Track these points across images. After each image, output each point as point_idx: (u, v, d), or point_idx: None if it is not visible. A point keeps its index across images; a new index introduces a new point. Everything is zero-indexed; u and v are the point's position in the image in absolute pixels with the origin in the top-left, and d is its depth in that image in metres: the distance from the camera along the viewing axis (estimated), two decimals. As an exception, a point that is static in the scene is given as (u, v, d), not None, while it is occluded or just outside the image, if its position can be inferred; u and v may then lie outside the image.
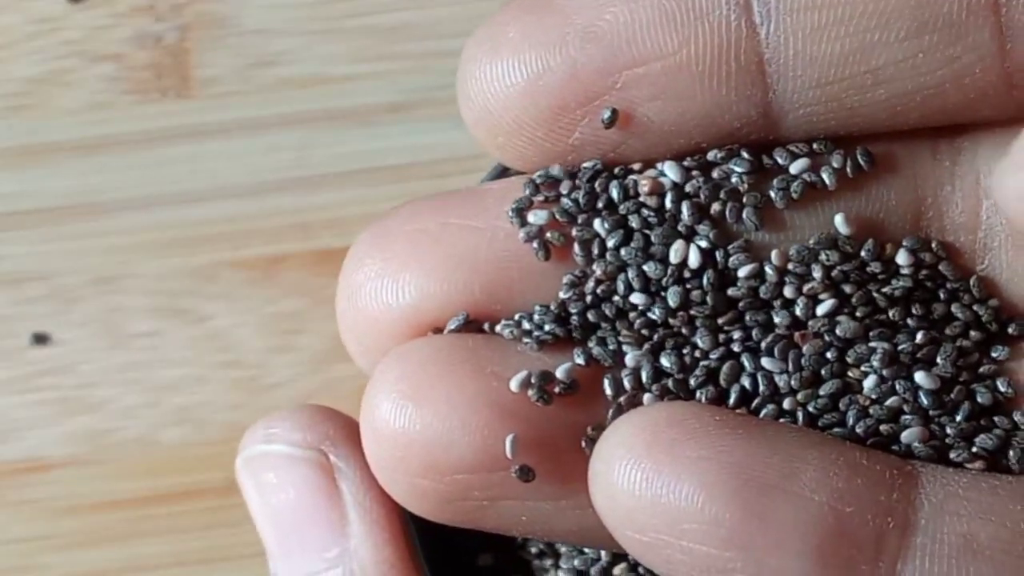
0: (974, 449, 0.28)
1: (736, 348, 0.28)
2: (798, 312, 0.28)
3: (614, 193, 0.29)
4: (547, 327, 0.28)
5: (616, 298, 0.29)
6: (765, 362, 0.28)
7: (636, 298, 0.28)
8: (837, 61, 0.28)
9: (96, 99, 0.52)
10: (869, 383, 0.28)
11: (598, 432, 0.28)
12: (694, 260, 0.28)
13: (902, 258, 0.29)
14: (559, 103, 0.28)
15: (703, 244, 0.28)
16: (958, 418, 0.28)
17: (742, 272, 0.28)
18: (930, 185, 0.29)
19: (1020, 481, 0.27)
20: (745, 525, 0.26)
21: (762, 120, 0.28)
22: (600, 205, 0.29)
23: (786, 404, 0.28)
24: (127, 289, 0.51)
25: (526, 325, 0.28)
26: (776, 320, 0.28)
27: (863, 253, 0.29)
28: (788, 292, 0.28)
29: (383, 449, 0.28)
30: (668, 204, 0.29)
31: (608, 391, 0.28)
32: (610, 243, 0.29)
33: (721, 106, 0.28)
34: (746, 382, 0.28)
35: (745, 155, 0.29)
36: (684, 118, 0.28)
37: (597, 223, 0.29)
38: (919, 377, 0.28)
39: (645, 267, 0.28)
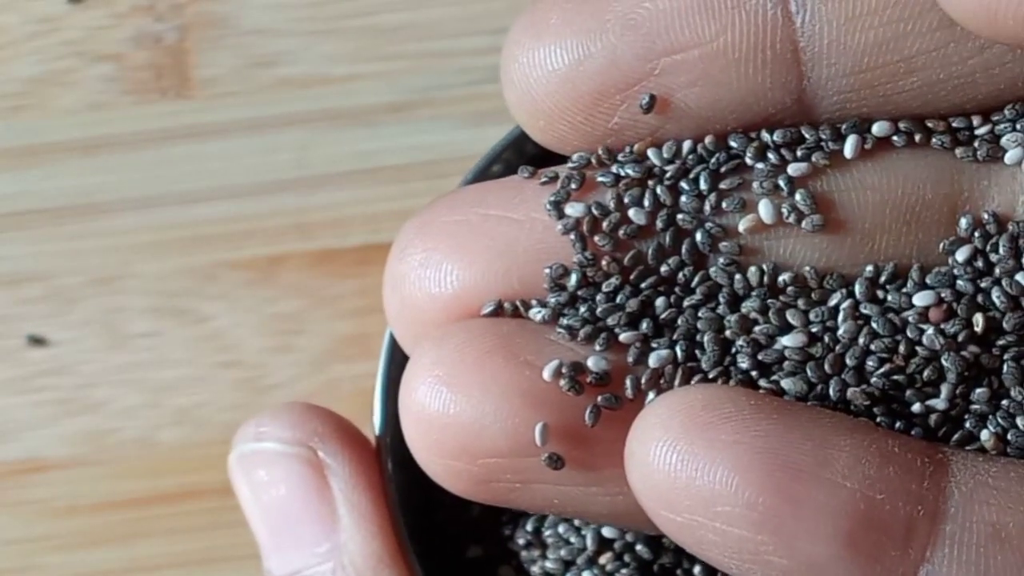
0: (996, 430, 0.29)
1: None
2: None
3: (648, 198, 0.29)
4: (577, 316, 0.29)
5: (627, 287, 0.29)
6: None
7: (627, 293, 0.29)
8: (870, 50, 0.28)
9: (96, 99, 0.52)
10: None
11: (609, 403, 0.28)
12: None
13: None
14: (599, 89, 0.28)
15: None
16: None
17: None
18: (966, 178, 0.29)
19: None
20: (778, 509, 0.26)
21: (796, 106, 0.29)
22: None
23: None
24: (127, 289, 0.51)
25: (555, 307, 0.29)
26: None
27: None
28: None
29: (419, 431, 0.29)
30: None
31: (628, 392, 0.29)
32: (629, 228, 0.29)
33: (756, 93, 0.28)
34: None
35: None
36: (720, 104, 0.28)
37: (632, 212, 0.29)
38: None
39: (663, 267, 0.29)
